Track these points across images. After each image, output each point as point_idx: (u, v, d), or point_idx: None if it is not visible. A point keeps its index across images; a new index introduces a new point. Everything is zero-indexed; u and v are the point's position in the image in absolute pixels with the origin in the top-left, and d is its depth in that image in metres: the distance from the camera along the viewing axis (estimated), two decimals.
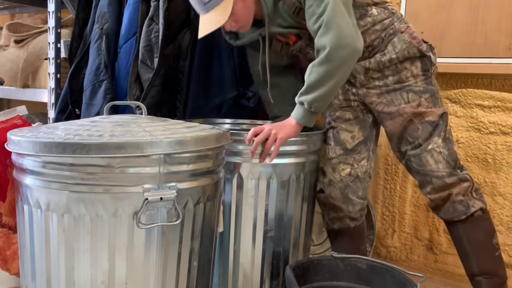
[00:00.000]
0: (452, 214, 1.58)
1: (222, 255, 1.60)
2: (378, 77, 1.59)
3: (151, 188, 1.09)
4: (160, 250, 1.13)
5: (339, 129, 1.67)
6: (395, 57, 1.55)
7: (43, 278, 1.13)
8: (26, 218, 1.15)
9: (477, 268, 1.58)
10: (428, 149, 1.55)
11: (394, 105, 1.57)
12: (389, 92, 1.57)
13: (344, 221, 1.70)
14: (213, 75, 1.92)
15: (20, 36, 2.47)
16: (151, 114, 1.43)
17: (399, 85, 1.57)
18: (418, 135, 1.56)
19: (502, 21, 1.87)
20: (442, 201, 1.58)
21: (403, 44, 1.55)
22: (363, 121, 1.67)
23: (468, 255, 1.59)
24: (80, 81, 2.01)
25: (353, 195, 1.66)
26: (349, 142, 1.66)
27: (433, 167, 1.56)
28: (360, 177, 1.67)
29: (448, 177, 1.55)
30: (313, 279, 1.55)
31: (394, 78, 1.57)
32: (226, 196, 1.56)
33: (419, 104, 1.55)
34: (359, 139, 1.66)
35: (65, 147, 1.03)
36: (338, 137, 1.67)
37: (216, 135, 1.22)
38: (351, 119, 1.66)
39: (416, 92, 1.56)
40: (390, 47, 1.56)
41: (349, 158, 1.66)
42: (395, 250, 2.23)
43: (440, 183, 1.56)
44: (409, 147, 1.59)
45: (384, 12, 1.58)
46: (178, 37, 1.88)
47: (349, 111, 1.67)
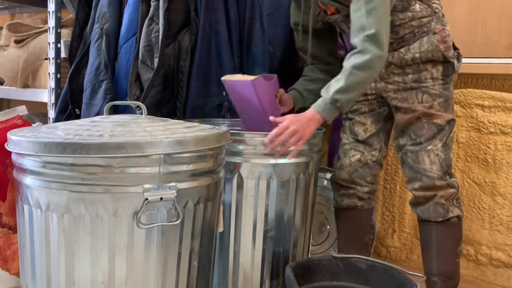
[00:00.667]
0: (430, 214, 1.62)
1: (222, 255, 1.60)
2: (398, 73, 1.62)
3: (151, 188, 1.09)
4: (160, 250, 1.13)
5: (354, 122, 1.75)
6: (418, 57, 1.57)
7: (43, 278, 1.13)
8: (26, 218, 1.15)
9: (436, 269, 1.64)
10: (427, 149, 1.59)
11: (408, 102, 1.61)
12: (406, 89, 1.61)
13: (352, 199, 1.76)
14: (213, 75, 1.92)
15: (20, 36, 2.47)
16: (151, 114, 1.44)
17: (416, 84, 1.59)
18: (422, 134, 1.60)
19: (502, 21, 1.87)
20: (425, 200, 1.62)
21: (430, 45, 1.56)
22: (377, 114, 1.73)
23: (432, 256, 1.65)
24: (80, 81, 2.01)
25: (360, 179, 1.74)
26: (361, 134, 1.74)
27: (427, 166, 1.59)
28: (369, 164, 1.74)
29: (438, 180, 1.59)
30: (313, 279, 1.55)
31: (414, 77, 1.60)
32: (226, 196, 1.56)
33: (431, 106, 1.58)
34: (371, 132, 1.73)
35: (65, 147, 1.03)
36: (352, 128, 1.75)
37: (216, 135, 1.22)
38: (366, 111, 1.73)
39: (432, 95, 1.58)
40: (417, 45, 1.57)
41: (360, 146, 1.74)
42: (395, 250, 2.23)
43: (429, 183, 1.59)
44: (410, 142, 1.63)
45: (427, 10, 1.57)
46: (178, 37, 1.88)
47: (365, 105, 1.72)
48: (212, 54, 1.90)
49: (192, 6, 1.87)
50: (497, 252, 1.98)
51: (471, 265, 2.03)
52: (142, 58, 1.82)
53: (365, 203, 1.77)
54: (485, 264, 2.01)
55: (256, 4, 1.95)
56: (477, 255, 2.01)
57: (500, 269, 1.99)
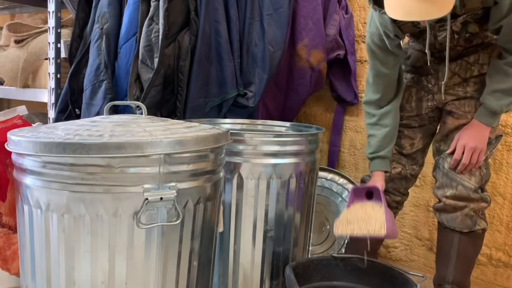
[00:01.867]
0: (456, 224, 1.58)
1: (222, 255, 1.60)
2: (460, 83, 1.58)
3: (151, 188, 1.09)
4: (160, 250, 1.13)
5: (402, 134, 1.70)
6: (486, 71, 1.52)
7: (43, 278, 1.13)
8: (26, 218, 1.15)
9: (452, 278, 1.61)
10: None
11: (464, 110, 1.57)
12: (466, 98, 1.57)
13: None
14: (213, 75, 1.92)
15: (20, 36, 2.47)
16: (151, 114, 1.44)
17: (477, 94, 1.54)
18: None
19: None
20: (453, 209, 1.58)
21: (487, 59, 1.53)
22: (426, 130, 1.69)
23: (450, 264, 1.61)
24: (80, 81, 2.02)
25: (394, 190, 1.73)
26: (407, 149, 1.70)
27: (465, 176, 1.55)
28: (408, 177, 1.73)
29: (473, 192, 1.55)
30: (313, 279, 1.56)
31: (476, 87, 1.56)
32: (226, 196, 1.56)
33: None
34: (417, 147, 1.70)
35: (65, 147, 1.03)
36: (399, 141, 1.69)
37: (216, 135, 1.22)
38: (416, 127, 1.69)
39: None
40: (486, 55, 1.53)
41: (403, 159, 1.71)
42: (395, 250, 2.23)
43: (463, 193, 1.55)
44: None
45: None
46: (178, 37, 1.88)
47: (416, 120, 1.69)
48: (212, 54, 1.91)
49: (192, 6, 1.87)
50: (497, 252, 1.98)
51: None
52: (142, 58, 1.82)
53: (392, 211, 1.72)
54: (485, 264, 2.01)
55: (256, 4, 1.96)
56: None
57: (500, 269, 1.99)
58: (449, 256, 1.61)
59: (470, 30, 1.50)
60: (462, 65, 1.57)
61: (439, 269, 1.65)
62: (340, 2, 2.23)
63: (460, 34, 1.51)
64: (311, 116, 2.48)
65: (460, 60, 1.58)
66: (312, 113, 2.48)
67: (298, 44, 2.09)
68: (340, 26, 2.21)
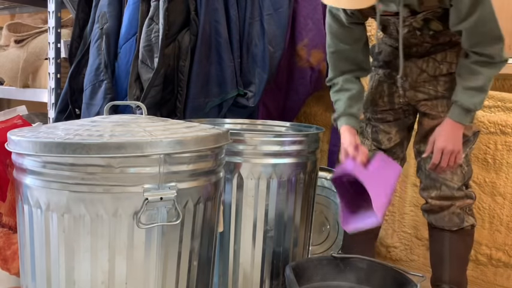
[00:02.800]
0: (445, 223, 1.60)
1: (222, 255, 1.60)
2: (430, 81, 1.57)
3: (151, 188, 1.09)
4: (160, 250, 1.13)
5: (378, 129, 1.69)
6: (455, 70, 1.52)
7: (43, 278, 1.13)
8: (26, 218, 1.15)
9: (448, 278, 1.62)
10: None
11: (437, 110, 1.57)
12: (438, 98, 1.56)
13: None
14: (213, 75, 1.92)
15: (20, 36, 2.47)
16: (151, 114, 1.44)
17: (449, 93, 1.54)
18: None
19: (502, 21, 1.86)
20: (440, 209, 1.59)
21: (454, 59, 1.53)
22: (402, 123, 1.69)
23: (444, 264, 1.62)
24: (80, 81, 2.02)
25: None
26: (385, 144, 1.69)
27: (447, 176, 1.56)
28: None
29: (457, 190, 1.56)
30: (313, 279, 1.55)
31: (446, 86, 1.55)
32: (226, 196, 1.56)
33: None
34: (395, 141, 1.69)
35: (65, 147, 1.03)
36: (376, 136, 1.69)
37: (216, 135, 1.22)
38: (391, 120, 1.68)
39: None
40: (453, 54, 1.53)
41: None
42: (395, 250, 2.23)
43: (448, 193, 1.57)
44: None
45: None
46: (178, 37, 1.88)
47: (391, 114, 1.68)
48: (212, 54, 1.91)
49: (192, 6, 1.87)
50: (497, 252, 1.98)
51: (471, 265, 2.03)
52: (142, 58, 1.82)
53: None
54: (485, 264, 2.01)
55: (256, 4, 1.96)
56: (477, 255, 2.01)
57: (500, 269, 1.99)
58: (442, 255, 1.63)
59: (433, 27, 1.51)
60: (429, 62, 1.57)
61: (434, 270, 1.66)
62: None
63: (422, 31, 1.51)
64: (311, 116, 2.48)
65: (427, 58, 1.58)
66: (312, 113, 2.48)
67: (298, 44, 2.09)
68: None
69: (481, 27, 1.39)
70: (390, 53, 1.68)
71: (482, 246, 2.00)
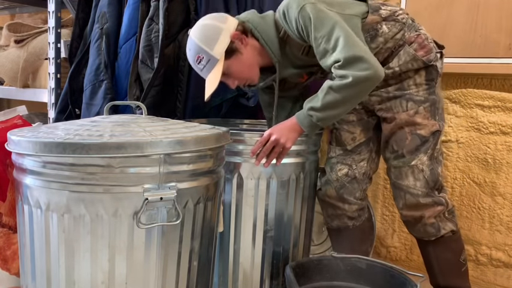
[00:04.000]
0: (422, 234, 1.60)
1: (222, 255, 1.60)
2: (380, 85, 1.55)
3: (151, 188, 1.09)
4: (160, 250, 1.13)
5: (341, 131, 1.67)
6: (398, 70, 1.52)
7: (43, 278, 1.13)
8: (26, 218, 1.15)
9: (443, 282, 1.62)
10: (411, 165, 1.53)
11: (392, 112, 1.55)
12: (390, 99, 1.55)
13: (342, 219, 1.70)
14: None
15: (20, 36, 2.47)
16: (151, 114, 1.43)
17: (400, 92, 1.54)
18: (404, 146, 1.54)
19: (502, 21, 1.87)
20: (414, 220, 1.58)
21: (407, 56, 1.51)
22: (366, 123, 1.67)
23: (435, 271, 1.63)
24: (80, 81, 2.02)
25: (349, 195, 1.66)
26: (350, 143, 1.66)
27: (410, 183, 1.54)
28: (358, 178, 1.66)
29: (422, 197, 1.53)
30: (313, 279, 1.55)
31: (396, 86, 1.55)
32: (226, 196, 1.56)
33: (416, 112, 1.52)
34: (360, 140, 1.66)
35: (65, 147, 1.03)
36: (339, 138, 1.67)
37: (216, 135, 1.22)
38: (354, 120, 1.66)
39: (416, 101, 1.53)
40: (395, 60, 1.52)
41: (348, 159, 1.66)
42: (395, 250, 2.23)
43: (413, 201, 1.55)
44: (392, 156, 1.57)
45: (395, 26, 1.50)
46: (178, 37, 1.88)
47: (352, 114, 1.66)
48: None
49: (192, 6, 1.87)
50: (497, 252, 1.98)
51: (471, 265, 2.03)
52: (142, 58, 1.82)
53: (356, 220, 1.71)
54: (485, 264, 2.01)
55: (256, 4, 1.95)
56: (477, 255, 2.01)
57: (500, 269, 1.99)
58: (431, 263, 1.63)
59: (320, 74, 1.59)
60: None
61: (429, 276, 1.66)
62: None
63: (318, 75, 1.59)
64: None
65: None
66: None
67: None
68: None
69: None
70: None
71: (482, 246, 2.00)
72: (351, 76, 1.32)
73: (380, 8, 1.53)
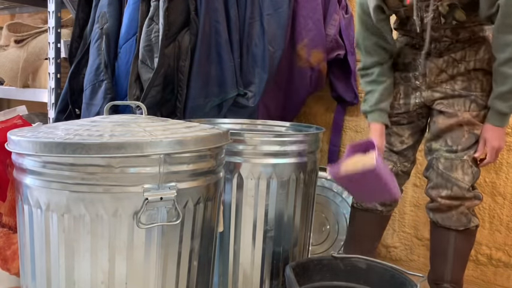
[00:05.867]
0: (452, 223, 1.59)
1: (222, 255, 1.60)
2: (447, 81, 1.57)
3: (151, 188, 1.09)
4: (160, 250, 1.13)
5: (391, 132, 1.70)
6: (473, 65, 1.52)
7: (43, 278, 1.13)
8: (26, 218, 1.15)
9: (450, 276, 1.61)
10: (463, 159, 1.56)
11: (454, 108, 1.56)
12: (454, 96, 1.56)
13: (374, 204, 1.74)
14: (213, 75, 1.92)
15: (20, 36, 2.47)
16: (151, 114, 1.44)
17: (466, 92, 1.54)
18: (460, 142, 1.56)
19: None
20: (448, 208, 1.58)
21: (486, 54, 1.52)
22: (415, 126, 1.69)
23: (447, 263, 1.62)
24: (80, 81, 2.02)
25: None
26: (397, 146, 1.70)
27: (459, 176, 1.56)
28: (399, 174, 1.72)
29: (467, 191, 1.56)
30: (313, 279, 1.55)
31: (463, 85, 1.55)
32: (226, 196, 1.56)
33: (476, 116, 1.54)
34: (408, 144, 1.70)
35: (65, 147, 1.03)
36: (388, 138, 1.70)
37: (216, 135, 1.22)
38: (404, 123, 1.69)
39: (479, 105, 1.54)
40: (473, 52, 1.52)
41: (394, 156, 1.71)
42: (395, 250, 2.23)
43: (459, 193, 1.56)
44: (445, 148, 1.58)
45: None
46: (178, 37, 1.88)
47: (405, 117, 1.69)
48: (212, 54, 1.91)
49: (192, 6, 1.87)
50: (497, 252, 1.98)
51: (471, 265, 2.03)
52: (142, 58, 1.82)
53: (385, 209, 1.74)
54: (485, 264, 2.01)
55: (256, 4, 1.96)
56: (477, 255, 2.01)
57: (500, 269, 1.99)
58: (446, 255, 1.62)
59: (457, 17, 1.50)
60: (449, 62, 1.57)
61: (436, 268, 1.65)
62: (340, 2, 2.23)
63: (447, 19, 1.50)
64: (311, 116, 2.48)
65: (446, 57, 1.57)
66: (312, 113, 2.48)
67: (298, 44, 2.09)
68: (340, 26, 2.21)
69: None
70: (408, 53, 1.68)
71: (482, 246, 2.00)
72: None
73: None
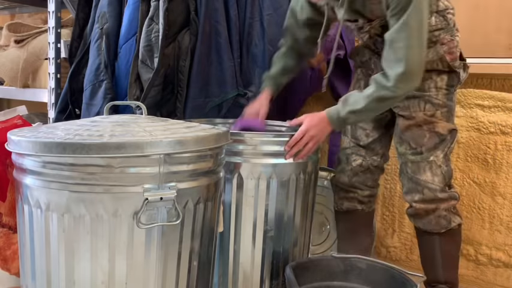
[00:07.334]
0: (433, 226, 1.60)
1: (222, 255, 1.60)
2: None
3: (151, 188, 1.09)
4: (160, 250, 1.13)
5: (356, 126, 1.72)
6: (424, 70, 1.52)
7: (43, 278, 1.13)
8: (26, 218, 1.15)
9: (444, 278, 1.62)
10: (429, 160, 1.56)
11: (409, 111, 1.57)
12: (409, 98, 1.56)
13: (353, 202, 1.75)
14: (213, 75, 1.92)
15: (20, 36, 2.47)
16: (151, 114, 1.44)
17: (419, 93, 1.55)
18: (423, 143, 1.56)
19: (502, 21, 1.87)
20: (425, 213, 1.59)
21: (435, 55, 1.53)
22: (379, 120, 1.70)
23: (437, 265, 1.63)
24: (80, 81, 2.02)
25: (361, 184, 1.72)
26: (363, 140, 1.71)
27: (428, 178, 1.56)
28: (371, 169, 1.72)
29: (440, 192, 1.56)
30: (313, 279, 1.55)
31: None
32: (226, 196, 1.56)
33: (433, 115, 1.55)
34: (373, 137, 1.71)
35: (65, 147, 1.03)
36: (354, 133, 1.72)
37: (216, 135, 1.22)
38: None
39: (434, 104, 1.55)
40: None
41: (362, 151, 1.72)
42: (395, 250, 2.23)
43: (431, 196, 1.57)
44: (410, 151, 1.59)
45: (441, 23, 1.53)
46: (178, 37, 1.88)
47: None
48: (212, 54, 1.91)
49: (192, 6, 1.87)
50: (497, 252, 1.98)
51: (471, 265, 2.03)
52: (142, 58, 1.82)
53: (365, 206, 1.75)
54: (485, 264, 2.01)
55: (256, 4, 1.96)
56: (477, 255, 2.01)
57: (500, 269, 1.99)
58: (434, 258, 1.63)
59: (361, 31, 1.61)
60: None
61: (428, 272, 1.66)
62: None
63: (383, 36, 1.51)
64: None
65: None
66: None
67: None
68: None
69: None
70: (366, 52, 1.72)
71: (482, 246, 2.00)
72: (402, 92, 1.42)
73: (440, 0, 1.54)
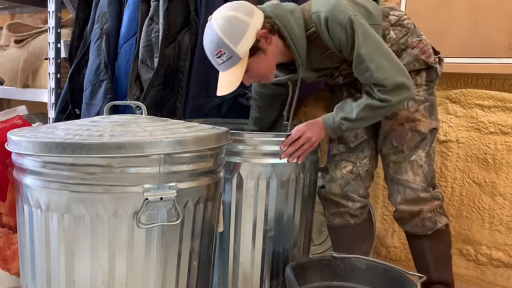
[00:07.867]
0: (419, 229, 1.61)
1: (222, 255, 1.60)
2: None
3: (151, 188, 1.09)
4: (160, 250, 1.13)
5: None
6: None
7: (43, 278, 1.13)
8: (26, 218, 1.15)
9: (437, 278, 1.63)
10: (411, 160, 1.57)
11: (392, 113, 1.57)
12: None
13: (344, 217, 1.71)
14: (213, 75, 1.92)
15: (20, 36, 2.48)
16: (151, 114, 1.44)
17: None
18: (404, 141, 1.57)
19: (502, 21, 1.87)
20: (410, 216, 1.60)
21: (410, 57, 1.55)
22: None
23: (429, 267, 1.63)
24: (80, 81, 2.02)
25: (353, 193, 1.68)
26: (352, 141, 1.69)
27: (409, 178, 1.57)
28: (362, 175, 1.68)
29: (421, 192, 1.57)
30: (313, 279, 1.55)
31: None
32: (226, 196, 1.56)
33: (416, 110, 1.57)
34: (362, 138, 1.69)
35: (65, 147, 1.03)
36: (342, 136, 1.69)
37: (216, 135, 1.22)
38: None
39: (417, 101, 1.57)
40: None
41: (352, 156, 1.69)
42: (395, 250, 2.23)
43: (412, 196, 1.57)
44: (391, 151, 1.60)
45: (401, 31, 1.56)
46: (178, 37, 1.88)
47: None
48: None
49: (192, 6, 1.87)
50: (497, 252, 1.98)
51: (471, 265, 2.03)
52: (142, 58, 1.82)
53: (357, 219, 1.72)
54: (485, 264, 2.01)
55: None
56: (477, 255, 2.01)
57: (500, 269, 1.99)
58: (425, 260, 1.64)
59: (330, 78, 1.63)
60: None
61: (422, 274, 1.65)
62: None
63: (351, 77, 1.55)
64: (311, 116, 2.48)
65: None
66: (312, 113, 2.48)
67: None
68: None
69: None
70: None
71: (482, 246, 2.00)
72: (394, 101, 1.42)
73: (389, 13, 1.57)
